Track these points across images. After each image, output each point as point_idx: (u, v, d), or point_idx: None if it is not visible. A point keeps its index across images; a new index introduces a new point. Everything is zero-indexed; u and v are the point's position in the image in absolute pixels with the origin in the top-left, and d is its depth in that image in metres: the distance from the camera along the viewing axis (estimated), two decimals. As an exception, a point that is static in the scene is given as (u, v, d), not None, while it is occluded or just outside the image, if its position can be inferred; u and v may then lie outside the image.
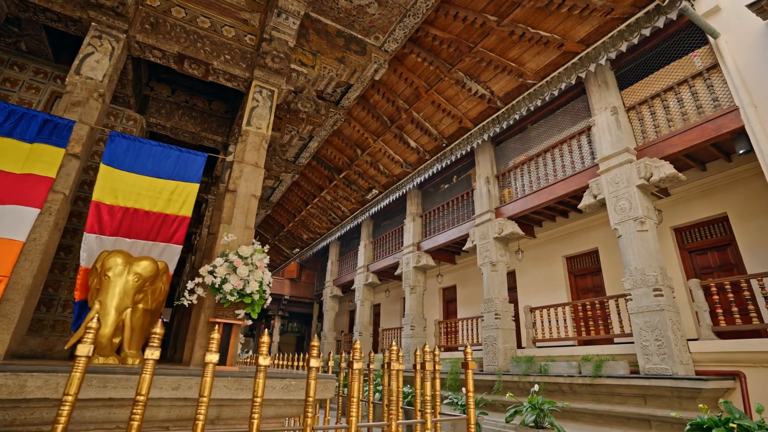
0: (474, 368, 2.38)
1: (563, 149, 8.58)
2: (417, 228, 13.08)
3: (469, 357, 2.36)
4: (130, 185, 2.89)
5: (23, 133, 2.60)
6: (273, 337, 22.66)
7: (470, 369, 2.35)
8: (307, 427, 1.77)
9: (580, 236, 9.46)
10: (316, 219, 9.59)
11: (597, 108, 7.69)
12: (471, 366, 2.34)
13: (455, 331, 11.55)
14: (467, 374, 2.38)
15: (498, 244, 9.49)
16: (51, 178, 2.58)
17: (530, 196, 8.87)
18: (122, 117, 4.05)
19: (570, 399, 7.08)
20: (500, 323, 8.82)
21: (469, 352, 2.37)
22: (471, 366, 2.34)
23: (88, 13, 3.00)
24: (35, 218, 2.46)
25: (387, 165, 6.74)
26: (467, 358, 2.36)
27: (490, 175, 10.16)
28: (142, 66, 4.03)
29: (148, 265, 2.49)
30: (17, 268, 2.35)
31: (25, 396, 1.77)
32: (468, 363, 2.34)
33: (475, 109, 4.99)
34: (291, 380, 2.41)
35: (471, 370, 2.36)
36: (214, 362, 1.65)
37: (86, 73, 2.90)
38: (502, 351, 8.59)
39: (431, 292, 14.35)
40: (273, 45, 3.42)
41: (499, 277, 9.30)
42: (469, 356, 2.36)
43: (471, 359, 2.35)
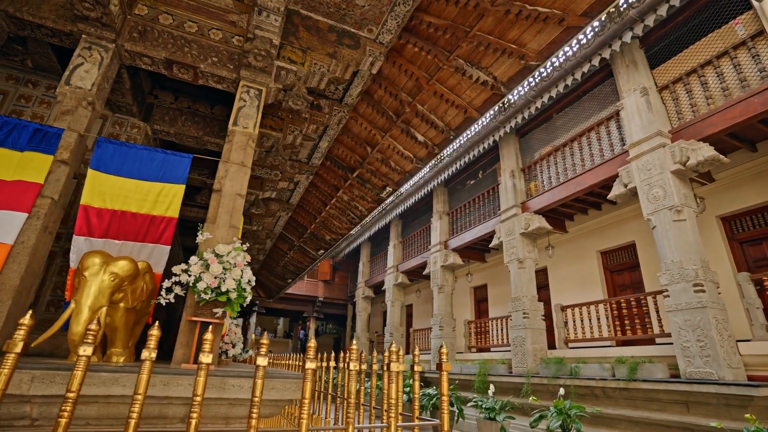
0: (449, 369, 2.21)
1: (590, 137, 8.05)
2: (444, 226, 12.82)
3: (444, 358, 2.20)
4: (117, 188, 2.98)
5: (15, 142, 2.74)
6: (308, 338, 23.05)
7: (445, 371, 2.19)
8: (251, 428, 1.70)
9: (616, 229, 8.82)
10: (336, 219, 9.60)
11: (625, 90, 7.14)
12: (445, 367, 2.18)
13: (486, 331, 11.17)
14: (441, 376, 2.21)
15: (525, 239, 9.06)
16: (39, 184, 2.70)
17: (557, 189, 8.40)
18: (127, 125, 4.23)
19: (603, 404, 6.59)
20: (529, 323, 8.40)
21: (444, 352, 2.21)
22: (445, 367, 2.18)
23: (77, 26, 3.14)
24: (23, 222, 2.59)
25: (398, 162, 6.59)
26: (442, 359, 2.20)
27: (515, 168, 9.75)
28: (142, 75, 4.18)
29: (125, 264, 2.54)
30: (5, 270, 2.47)
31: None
32: (442, 364, 2.18)
33: (480, 98, 4.74)
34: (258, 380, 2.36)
35: (445, 371, 2.19)
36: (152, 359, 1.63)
37: (76, 83, 3.02)
38: (531, 352, 8.18)
39: (462, 292, 14.00)
40: (255, 43, 3.42)
41: (526, 275, 8.88)
42: (444, 357, 2.20)
43: (446, 360, 2.19)
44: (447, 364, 2.18)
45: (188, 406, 2.26)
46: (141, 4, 3.46)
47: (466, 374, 9.70)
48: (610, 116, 7.64)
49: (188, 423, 1.61)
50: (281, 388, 2.40)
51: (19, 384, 1.92)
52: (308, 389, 1.92)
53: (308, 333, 23.39)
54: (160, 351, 3.54)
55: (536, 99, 8.20)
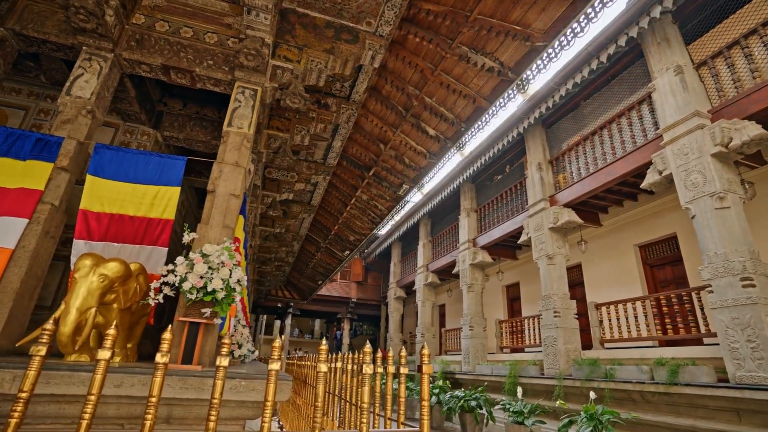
0: (430, 372, 2.06)
1: (621, 123, 7.51)
2: (472, 223, 12.49)
3: (425, 360, 2.05)
4: (114, 192, 3.06)
5: (18, 152, 2.88)
6: (342, 339, 23.27)
7: (425, 373, 2.04)
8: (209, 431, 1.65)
9: (654, 221, 8.19)
10: (357, 220, 9.57)
11: (657, 70, 6.59)
12: (426, 370, 2.03)
13: (519, 330, 10.73)
14: (422, 379, 2.06)
15: (554, 234, 8.61)
16: (39, 191, 2.82)
17: (586, 180, 7.91)
18: (137, 133, 4.38)
19: (642, 409, 6.10)
20: (560, 322, 7.96)
21: (426, 353, 2.06)
22: (426, 370, 2.03)
23: (77, 39, 3.26)
24: (24, 227, 2.70)
25: (412, 158, 6.45)
26: (423, 360, 2.06)
27: (542, 160, 9.30)
28: (149, 84, 4.31)
29: (115, 266, 2.59)
30: (6, 273, 2.59)
31: None
32: (423, 366, 2.04)
33: (488, 85, 4.51)
34: (241, 381, 2.32)
35: (426, 374, 2.04)
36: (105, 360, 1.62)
37: (76, 92, 3.14)
38: (564, 352, 7.74)
39: (493, 291, 13.58)
40: (245, 43, 3.42)
41: (557, 271, 8.43)
42: (425, 359, 2.05)
43: (427, 362, 2.04)
44: (428, 366, 2.03)
45: (168, 406, 2.25)
46: (139, 13, 3.56)
47: (496, 375, 9.36)
48: (642, 99, 7.09)
49: (143, 425, 1.57)
50: (262, 390, 2.34)
51: (1, 383, 1.98)
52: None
53: (343, 334, 23.59)
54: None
55: (560, 87, 7.76)
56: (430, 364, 2.07)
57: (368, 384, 2.06)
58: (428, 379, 2.06)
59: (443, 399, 8.85)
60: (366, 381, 2.09)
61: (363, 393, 2.07)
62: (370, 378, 2.05)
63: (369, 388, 2.01)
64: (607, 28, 6.58)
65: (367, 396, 2.05)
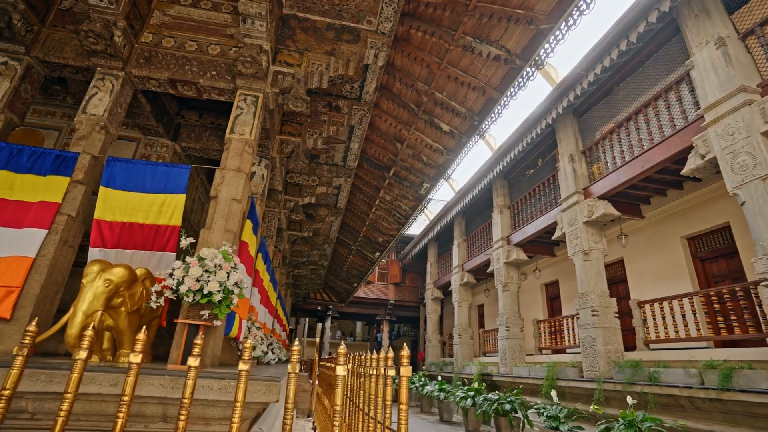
0: (408, 374, 1.98)
1: (658, 106, 6.95)
2: (505, 220, 12.09)
3: (404, 361, 1.97)
4: (125, 202, 3.24)
5: (39, 168, 3.13)
6: (382, 341, 23.32)
7: (404, 375, 1.96)
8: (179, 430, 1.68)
9: (704, 210, 7.48)
10: (384, 221, 9.56)
11: (695, 45, 6.04)
12: (404, 372, 1.95)
13: (559, 330, 10.21)
14: (401, 381, 1.99)
15: (589, 229, 8.12)
16: (57, 203, 3.04)
17: (622, 169, 7.39)
18: (157, 145, 4.63)
19: (692, 417, 5.57)
20: (598, 321, 7.48)
21: (405, 355, 1.98)
22: (404, 372, 1.95)
23: (91, 61, 3.50)
24: (44, 238, 2.93)
25: (430, 155, 6.33)
26: (402, 362, 1.98)
27: (574, 151, 8.82)
28: (165, 99, 4.55)
29: (120, 271, 2.74)
30: (28, 280, 2.81)
31: None
32: (401, 368, 1.96)
33: (497, 75, 4.33)
34: (230, 381, 2.36)
35: (405, 376, 1.97)
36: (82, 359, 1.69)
37: (90, 110, 3.37)
38: (604, 354, 7.26)
39: (531, 289, 13.05)
40: (241, 51, 3.51)
41: (593, 268, 7.94)
42: (405, 359, 1.97)
43: (405, 364, 1.96)
44: (406, 369, 1.95)
45: (163, 405, 2.33)
46: (147, 32, 3.76)
47: (534, 378, 8.96)
48: (680, 78, 6.52)
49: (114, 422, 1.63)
50: (251, 390, 2.37)
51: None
52: (339, 396, 1.82)
53: (382, 336, 23.65)
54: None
55: (588, 72, 7.32)
56: (409, 366, 1.99)
57: (341, 386, 2.01)
58: (407, 381, 1.98)
59: (477, 402, 8.59)
60: (339, 383, 2.05)
61: (335, 396, 2.03)
62: (343, 380, 2.01)
63: (341, 390, 1.96)
64: (636, 5, 6.11)
65: (339, 399, 2.01)
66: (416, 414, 12.56)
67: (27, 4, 3.40)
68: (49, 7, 3.64)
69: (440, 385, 11.70)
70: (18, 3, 3.33)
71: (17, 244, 2.88)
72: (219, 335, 3.04)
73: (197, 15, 3.93)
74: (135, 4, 3.56)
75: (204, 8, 3.96)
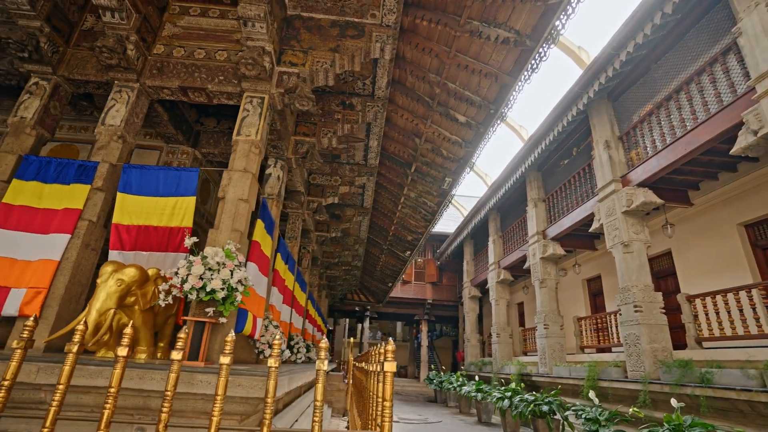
0: (392, 370, 1.90)
1: (701, 81, 6.35)
2: (540, 214, 11.60)
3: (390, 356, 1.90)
4: (139, 206, 3.40)
5: (64, 178, 3.35)
6: (421, 341, 23.14)
7: (387, 371, 1.88)
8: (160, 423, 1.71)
9: (763, 193, 6.76)
10: (411, 219, 9.45)
11: (742, 9, 5.46)
12: (388, 367, 1.87)
13: (603, 328, 9.62)
14: (384, 376, 1.91)
15: (629, 219, 7.58)
16: (79, 209, 3.25)
17: (663, 153, 6.83)
18: (177, 152, 4.85)
19: (754, 424, 5.02)
20: (642, 317, 6.96)
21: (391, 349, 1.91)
22: (388, 367, 1.87)
23: (109, 75, 3.72)
24: (67, 242, 3.13)
25: (450, 149, 6.16)
26: (386, 357, 1.90)
27: (609, 137, 8.28)
28: (183, 107, 4.75)
29: (131, 271, 2.87)
30: (54, 281, 3.02)
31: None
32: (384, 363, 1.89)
33: (508, 59, 4.12)
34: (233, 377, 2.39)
35: (390, 372, 1.89)
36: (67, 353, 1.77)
37: (108, 121, 3.58)
38: (649, 352, 6.73)
39: (571, 285, 12.42)
40: (242, 54, 3.58)
41: (635, 260, 7.40)
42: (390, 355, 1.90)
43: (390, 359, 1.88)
44: (390, 364, 1.88)
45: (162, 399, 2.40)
46: (159, 44, 3.94)
47: (575, 378, 8.49)
48: (726, 49, 5.92)
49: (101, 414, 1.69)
50: (247, 385, 2.39)
51: (28, 374, 2.30)
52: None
53: (421, 336, 23.47)
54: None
55: (620, 51, 6.84)
56: (393, 362, 1.91)
57: (321, 381, 1.97)
58: (392, 376, 1.91)
59: (513, 402, 8.27)
60: (319, 378, 2.01)
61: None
62: (323, 375, 1.96)
63: (321, 384, 1.92)
64: (668, -27, 5.63)
65: (320, 394, 1.96)
66: (454, 415, 12.32)
67: (52, 27, 3.67)
68: (73, 28, 3.91)
69: (477, 385, 11.41)
70: (44, 27, 3.60)
71: (44, 249, 3.10)
72: (226, 332, 3.10)
73: (206, 24, 4.07)
74: (146, 19, 3.74)
75: (212, 17, 4.09)
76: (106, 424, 1.58)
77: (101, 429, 1.54)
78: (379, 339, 32.69)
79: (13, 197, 3.27)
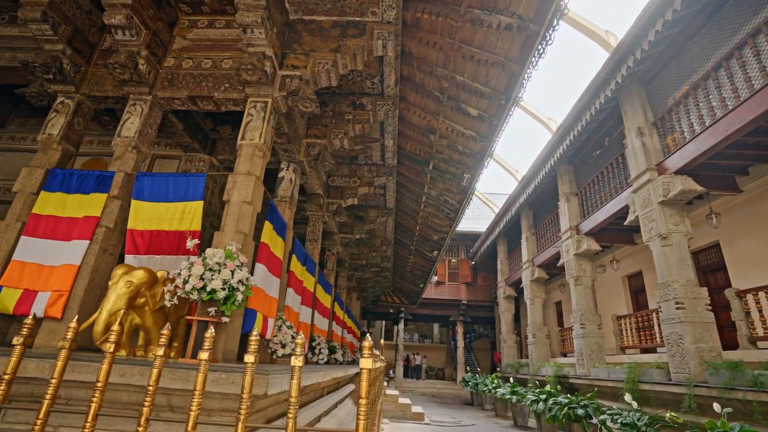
0: (368, 367, 1.84)
1: (743, 55, 5.82)
2: (573, 208, 11.09)
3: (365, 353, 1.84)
4: (152, 212, 3.56)
5: (84, 188, 3.58)
6: (457, 342, 22.76)
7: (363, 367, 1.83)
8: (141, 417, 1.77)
9: (821, 175, 6.09)
10: (434, 218, 9.31)
11: (783, -27, 4.95)
12: (363, 364, 1.82)
13: (645, 327, 9.02)
14: (361, 374, 1.86)
15: (666, 209, 7.08)
16: (97, 217, 3.45)
17: (702, 136, 6.32)
18: (195, 160, 5.05)
19: (815, 429, 4.51)
20: (684, 315, 6.45)
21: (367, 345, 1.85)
22: (363, 364, 1.82)
23: (124, 89, 3.93)
24: (86, 248, 3.33)
25: (465, 144, 6.01)
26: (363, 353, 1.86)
27: (642, 124, 7.78)
28: (198, 117, 4.95)
29: (139, 273, 3.00)
30: (75, 285, 3.22)
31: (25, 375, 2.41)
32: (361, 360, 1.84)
33: (513, 46, 3.95)
34: (222, 373, 2.44)
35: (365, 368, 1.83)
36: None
37: (124, 133, 3.78)
38: (694, 353, 6.23)
39: (611, 282, 11.77)
40: (243, 60, 3.67)
41: (674, 254, 6.88)
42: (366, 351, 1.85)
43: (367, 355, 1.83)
44: (366, 361, 1.83)
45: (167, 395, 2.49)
46: (169, 57, 4.12)
47: (614, 380, 8.01)
48: (768, 17, 5.39)
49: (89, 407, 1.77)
50: (239, 383, 2.42)
51: (42, 370, 2.46)
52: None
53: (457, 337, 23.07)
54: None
55: (648, 30, 6.41)
56: (369, 359, 1.86)
57: (296, 378, 1.95)
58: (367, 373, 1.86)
59: (547, 405, 7.92)
60: (294, 374, 1.99)
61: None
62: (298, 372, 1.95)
63: (296, 381, 1.90)
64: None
65: (294, 390, 1.95)
66: (489, 418, 11.99)
67: (73, 49, 3.94)
68: (93, 49, 4.18)
69: (512, 387, 11.05)
70: (66, 49, 3.87)
71: (67, 254, 3.32)
72: (232, 331, 3.18)
73: (212, 34, 4.22)
74: (155, 34, 3.93)
75: (218, 27, 4.24)
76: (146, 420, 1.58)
77: (140, 425, 1.54)
78: (416, 341, 32.46)
79: (41, 208, 3.53)
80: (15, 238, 3.45)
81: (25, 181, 3.67)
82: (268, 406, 3.04)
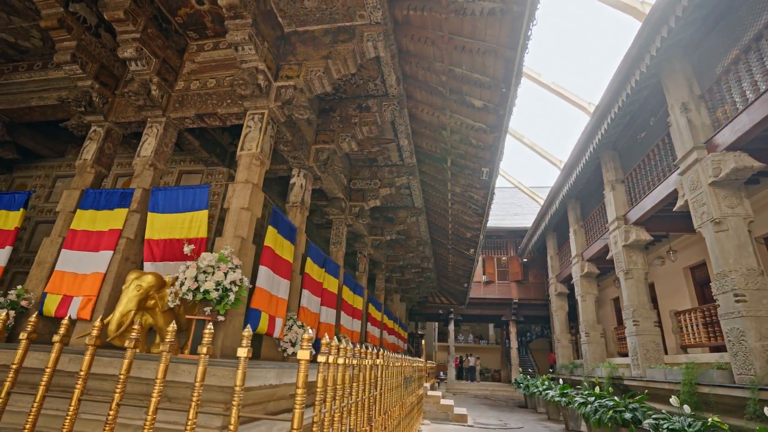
0: (306, 358, 1.87)
1: (794, 9, 5.10)
2: (619, 197, 10.31)
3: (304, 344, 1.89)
4: (165, 222, 3.91)
5: (110, 204, 4.02)
6: (510, 343, 21.94)
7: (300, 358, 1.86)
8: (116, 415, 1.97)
9: None
10: (464, 215, 9.11)
11: None
12: (302, 355, 1.85)
13: (715, 322, 8.12)
14: (300, 365, 1.88)
15: (719, 191, 6.36)
16: (120, 229, 3.86)
17: (756, 105, 5.62)
18: (215, 173, 5.43)
19: None
20: (746, 308, 5.75)
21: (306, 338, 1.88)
22: (302, 355, 1.85)
23: (142, 114, 4.36)
24: (110, 257, 3.74)
25: (477, 137, 5.85)
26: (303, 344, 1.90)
27: (687, 98, 7.07)
28: (214, 132, 5.32)
29: (148, 278, 3.31)
30: (101, 291, 3.63)
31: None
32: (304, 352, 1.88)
33: (502, 31, 3.80)
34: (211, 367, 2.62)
35: (302, 359, 1.86)
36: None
37: (142, 153, 4.19)
38: (759, 351, 5.52)
39: (670, 275, 10.75)
40: (236, 75, 3.90)
41: (731, 240, 6.16)
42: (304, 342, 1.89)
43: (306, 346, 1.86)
44: (304, 352, 1.87)
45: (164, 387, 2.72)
46: (180, 80, 4.50)
47: (670, 382, 7.30)
48: (820, -37, 4.68)
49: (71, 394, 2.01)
50: (222, 375, 2.59)
51: (63, 363, 2.81)
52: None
53: (510, 338, 22.25)
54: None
55: (679, -6, 5.83)
56: (306, 350, 1.91)
57: (302, 371, 2.05)
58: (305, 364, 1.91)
59: (593, 408, 7.41)
60: (301, 368, 2.09)
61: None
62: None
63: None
64: None
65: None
66: (540, 421, 11.42)
67: (100, 83, 4.45)
68: (118, 81, 4.69)
69: (562, 389, 10.46)
70: (94, 84, 4.38)
71: (95, 264, 3.75)
72: (230, 329, 3.39)
73: (217, 55, 4.54)
74: (165, 61, 4.32)
75: (221, 48, 4.55)
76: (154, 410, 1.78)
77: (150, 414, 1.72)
78: (471, 342, 31.76)
79: (77, 224, 4.03)
80: (57, 251, 3.96)
81: (66, 202, 4.21)
82: (267, 400, 3.21)
